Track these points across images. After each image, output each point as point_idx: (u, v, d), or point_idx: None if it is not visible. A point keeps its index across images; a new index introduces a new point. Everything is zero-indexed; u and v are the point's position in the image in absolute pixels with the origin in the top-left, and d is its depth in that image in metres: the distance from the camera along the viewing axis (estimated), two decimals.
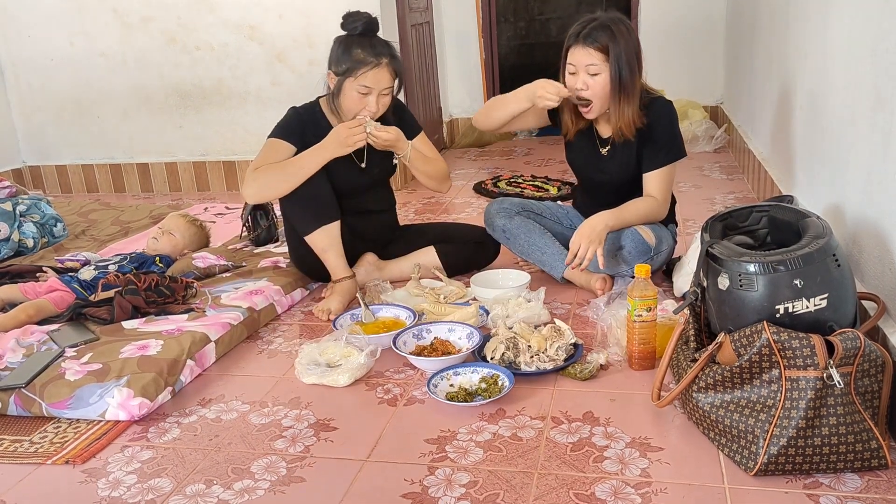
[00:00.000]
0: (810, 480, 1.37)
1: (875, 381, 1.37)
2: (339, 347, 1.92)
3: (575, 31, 2.12)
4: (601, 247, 2.14)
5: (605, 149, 2.29)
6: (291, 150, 2.26)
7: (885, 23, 1.63)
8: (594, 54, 2.09)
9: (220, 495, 1.44)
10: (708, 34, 4.74)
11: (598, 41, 2.08)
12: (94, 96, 4.18)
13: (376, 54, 2.17)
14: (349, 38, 2.21)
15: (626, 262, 2.22)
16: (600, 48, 2.08)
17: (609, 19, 2.10)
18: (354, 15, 2.22)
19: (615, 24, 2.09)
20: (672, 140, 2.22)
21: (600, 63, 2.09)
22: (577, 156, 2.38)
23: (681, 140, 2.24)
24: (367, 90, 2.19)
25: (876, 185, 1.68)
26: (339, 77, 2.22)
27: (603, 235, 2.16)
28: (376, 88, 2.19)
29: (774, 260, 1.41)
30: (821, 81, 2.22)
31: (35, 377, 1.82)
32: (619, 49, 2.08)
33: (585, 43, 2.09)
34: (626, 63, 2.09)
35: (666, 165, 2.22)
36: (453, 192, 3.80)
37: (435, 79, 4.83)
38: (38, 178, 4.40)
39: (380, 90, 2.20)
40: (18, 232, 3.00)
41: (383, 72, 2.18)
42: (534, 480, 1.42)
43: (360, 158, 2.37)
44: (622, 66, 2.09)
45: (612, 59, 2.08)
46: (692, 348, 1.60)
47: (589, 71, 2.11)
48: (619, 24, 2.10)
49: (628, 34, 2.11)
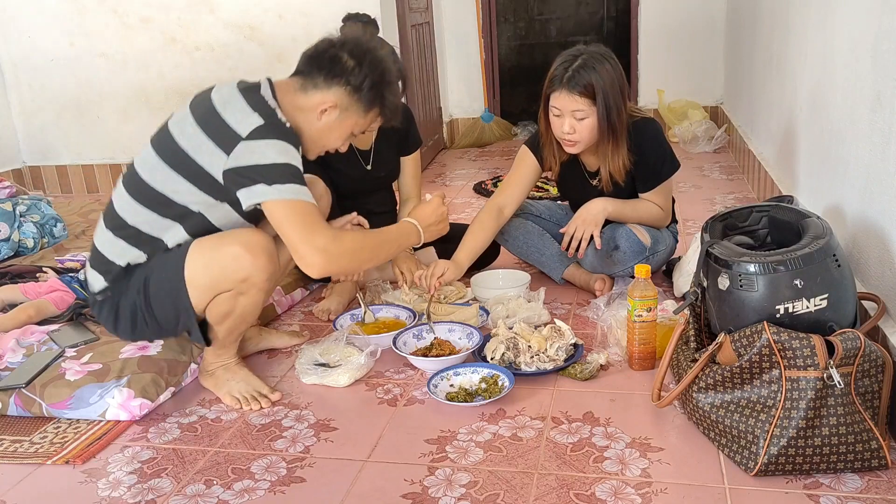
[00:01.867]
0: (810, 481, 1.37)
1: (875, 381, 1.37)
2: (340, 348, 1.92)
3: (558, 74, 2.01)
4: (598, 229, 2.11)
5: (595, 180, 2.24)
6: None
7: (885, 23, 1.63)
8: (580, 100, 1.99)
9: (220, 495, 1.44)
10: (708, 34, 4.74)
11: (582, 85, 1.97)
12: (94, 97, 4.18)
13: None
14: None
15: (621, 262, 2.20)
16: (585, 93, 1.98)
17: (591, 58, 1.98)
18: (354, 18, 2.22)
19: (599, 63, 1.98)
20: (663, 159, 2.16)
21: (586, 108, 2.00)
22: (568, 188, 2.36)
23: (672, 156, 2.18)
24: None
25: (876, 185, 1.68)
26: None
27: (600, 218, 2.13)
28: None
29: (774, 260, 1.41)
30: (821, 81, 2.22)
31: (35, 377, 1.82)
32: (605, 90, 1.98)
33: (570, 88, 1.98)
34: (614, 104, 2.00)
35: (661, 184, 2.20)
36: (453, 192, 3.80)
37: (435, 79, 4.82)
38: (38, 178, 4.39)
39: None
40: (18, 232, 3.00)
41: None
42: (534, 481, 1.42)
43: (367, 160, 2.37)
44: (610, 107, 1.99)
45: (600, 102, 1.98)
46: (692, 348, 1.60)
47: (576, 116, 2.01)
48: (604, 63, 1.99)
49: (612, 71, 2.00)
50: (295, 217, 1.54)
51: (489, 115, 5.12)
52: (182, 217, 1.63)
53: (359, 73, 1.62)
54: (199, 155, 1.56)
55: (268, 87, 1.63)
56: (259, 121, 1.54)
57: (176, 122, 1.62)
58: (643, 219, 2.23)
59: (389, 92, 1.68)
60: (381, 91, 1.66)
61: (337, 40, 1.65)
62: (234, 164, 1.53)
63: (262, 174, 1.52)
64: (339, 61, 1.62)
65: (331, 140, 1.70)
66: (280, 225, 1.56)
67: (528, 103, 5.80)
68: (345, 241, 1.63)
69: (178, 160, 1.58)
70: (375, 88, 1.64)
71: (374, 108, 1.68)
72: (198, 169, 1.57)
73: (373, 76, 1.63)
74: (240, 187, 1.54)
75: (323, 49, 1.65)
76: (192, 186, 1.59)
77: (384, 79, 1.66)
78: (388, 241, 1.77)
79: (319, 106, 1.63)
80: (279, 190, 1.52)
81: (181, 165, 1.58)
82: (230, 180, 1.54)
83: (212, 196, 1.59)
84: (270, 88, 1.64)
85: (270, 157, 1.52)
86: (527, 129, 5.29)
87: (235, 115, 1.55)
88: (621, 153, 2.09)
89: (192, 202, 1.61)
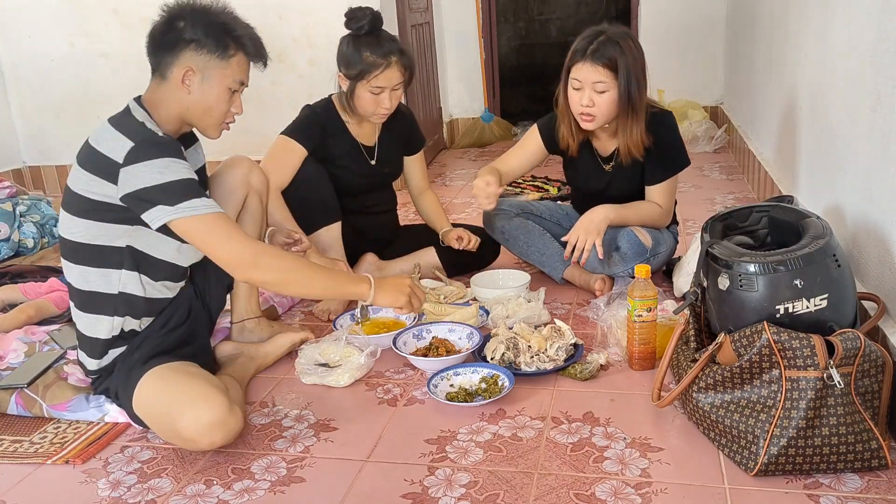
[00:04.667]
0: (810, 481, 1.36)
1: (875, 381, 1.37)
2: (340, 348, 1.92)
3: (581, 46, 2.02)
4: (600, 238, 2.12)
5: (609, 165, 2.25)
6: (303, 154, 2.25)
7: (885, 23, 1.63)
8: (602, 72, 1.99)
9: (220, 495, 1.44)
10: (708, 34, 4.74)
11: (606, 57, 1.98)
12: (94, 97, 4.17)
13: (385, 54, 2.15)
14: (356, 39, 2.19)
15: (622, 263, 2.20)
16: (608, 65, 1.99)
17: (616, 34, 2.01)
18: (358, 13, 2.19)
19: (623, 40, 2.00)
20: (677, 153, 2.20)
21: (608, 81, 2.00)
22: (578, 173, 2.34)
23: (684, 150, 2.22)
24: (379, 90, 2.19)
25: (876, 185, 1.68)
26: (350, 80, 2.21)
27: (602, 227, 2.13)
28: (388, 86, 2.19)
29: (774, 260, 1.41)
30: (821, 81, 2.22)
31: (37, 378, 1.82)
32: (628, 66, 1.99)
33: (594, 60, 1.99)
34: (636, 80, 2.01)
35: (670, 178, 2.21)
36: (453, 192, 3.80)
37: (435, 79, 4.82)
38: (38, 178, 4.39)
39: (391, 87, 2.20)
40: (18, 232, 3.00)
41: (394, 70, 2.17)
42: (534, 481, 1.42)
43: (371, 155, 2.38)
44: (631, 83, 2.00)
45: (622, 76, 1.99)
46: (692, 348, 1.60)
47: (596, 88, 2.02)
48: (628, 40, 2.01)
49: (636, 50, 2.03)
50: (209, 231, 1.53)
51: (489, 114, 5.12)
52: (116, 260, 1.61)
53: (191, 27, 1.59)
54: (92, 192, 1.55)
55: (136, 106, 1.63)
56: (129, 144, 1.52)
57: (70, 176, 1.62)
58: (645, 221, 2.23)
59: (233, 27, 1.64)
60: (224, 29, 1.62)
61: (159, 18, 1.63)
62: (126, 191, 1.52)
63: (156, 196, 1.50)
64: (171, 30, 1.60)
65: (214, 104, 1.64)
66: (195, 241, 1.56)
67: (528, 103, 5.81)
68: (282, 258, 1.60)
69: (80, 205, 1.57)
70: (214, 30, 1.61)
71: (230, 50, 1.63)
72: (97, 205, 1.56)
73: (204, 22, 1.60)
74: (142, 211, 1.53)
75: (153, 32, 1.63)
76: (102, 223, 1.58)
77: (216, 18, 1.62)
78: (328, 279, 1.66)
79: (179, 79, 1.61)
80: (181, 209, 1.51)
81: (84, 209, 1.57)
82: (130, 205, 1.53)
83: (124, 224, 1.58)
84: (139, 105, 1.64)
85: (154, 178, 1.50)
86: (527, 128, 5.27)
87: (108, 144, 1.54)
88: (640, 128, 2.09)
89: (112, 239, 1.60)
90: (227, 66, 1.62)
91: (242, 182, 1.93)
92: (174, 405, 1.52)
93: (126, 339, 1.67)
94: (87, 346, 1.68)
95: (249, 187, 1.95)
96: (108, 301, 1.64)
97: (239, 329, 2.00)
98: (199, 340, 1.80)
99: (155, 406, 1.56)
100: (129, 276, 1.63)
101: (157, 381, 1.57)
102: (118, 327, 1.65)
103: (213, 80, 1.62)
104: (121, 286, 1.62)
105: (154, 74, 1.65)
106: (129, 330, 1.67)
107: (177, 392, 1.54)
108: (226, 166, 1.94)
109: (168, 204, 1.50)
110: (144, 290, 1.66)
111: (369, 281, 1.68)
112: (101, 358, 1.67)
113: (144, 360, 1.62)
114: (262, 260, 1.55)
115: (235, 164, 1.95)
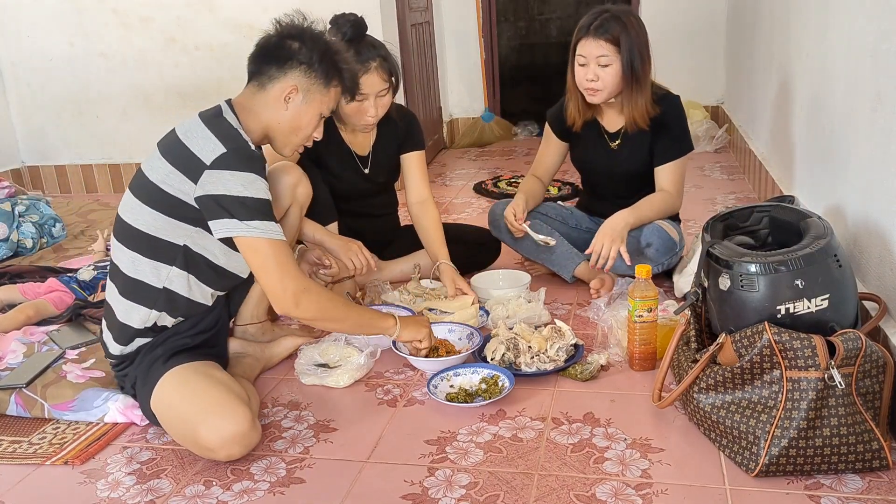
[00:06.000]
0: (811, 481, 1.36)
1: (876, 381, 1.37)
2: (339, 348, 1.92)
3: (586, 22, 2.13)
4: (623, 244, 2.14)
5: (615, 143, 2.30)
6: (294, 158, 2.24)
7: (885, 23, 1.62)
8: (605, 46, 2.10)
9: (219, 496, 1.44)
10: (709, 34, 4.73)
11: (609, 32, 2.09)
12: (93, 96, 4.17)
13: (363, 60, 2.11)
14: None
15: (652, 260, 2.19)
16: (611, 39, 2.09)
17: (620, 11, 2.12)
18: (340, 20, 2.16)
19: (626, 16, 2.11)
20: (684, 134, 2.26)
21: (611, 55, 2.10)
22: (585, 151, 2.38)
23: (689, 134, 2.28)
24: (362, 97, 2.16)
25: (877, 185, 1.67)
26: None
27: (624, 234, 2.16)
28: (371, 93, 2.16)
29: (775, 260, 1.41)
30: (821, 81, 2.22)
31: (36, 378, 1.82)
32: (630, 40, 2.10)
33: (597, 35, 2.10)
34: (638, 53, 2.11)
35: (679, 158, 2.25)
36: (453, 192, 3.80)
37: (435, 79, 4.82)
38: (37, 178, 4.39)
39: (375, 94, 2.17)
40: (17, 232, 3.00)
41: (373, 76, 2.13)
42: (534, 481, 1.41)
43: (365, 164, 2.36)
44: (634, 56, 2.11)
45: (624, 49, 2.10)
46: (693, 349, 1.60)
47: (600, 62, 2.11)
48: (630, 17, 2.13)
49: (639, 26, 2.14)
50: (267, 257, 1.57)
51: (489, 114, 5.12)
52: (171, 255, 1.62)
53: (306, 51, 1.64)
54: (168, 184, 1.56)
55: (228, 109, 1.64)
56: (221, 149, 1.54)
57: (146, 161, 1.63)
58: (662, 213, 2.26)
59: (340, 59, 1.70)
60: (333, 59, 1.68)
61: (275, 32, 1.67)
62: (203, 192, 1.53)
63: (232, 207, 1.53)
64: (284, 47, 1.64)
65: (303, 126, 1.69)
66: (252, 262, 1.59)
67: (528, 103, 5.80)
68: (321, 297, 1.64)
69: (151, 194, 1.58)
70: (327, 58, 1.66)
71: (334, 80, 1.68)
72: (169, 198, 1.57)
73: (319, 48, 1.65)
74: (212, 217, 1.55)
75: (265, 43, 1.67)
76: (168, 217, 1.58)
77: (330, 48, 1.68)
78: (360, 317, 1.75)
79: (281, 94, 1.64)
80: (251, 227, 1.54)
81: (154, 199, 1.58)
82: (203, 206, 1.55)
83: (188, 223, 1.59)
84: (230, 108, 1.65)
85: (237, 189, 1.53)
86: (527, 128, 5.29)
87: (199, 142, 1.56)
88: (645, 97, 2.17)
89: (172, 236, 1.60)
90: (327, 94, 1.69)
91: (290, 192, 1.97)
92: (195, 412, 1.52)
93: (155, 331, 1.67)
94: (116, 331, 1.67)
95: (294, 198, 1.99)
96: (151, 293, 1.64)
97: (241, 331, 2.00)
98: (221, 344, 1.82)
99: (175, 408, 1.56)
100: (178, 273, 1.64)
101: (179, 382, 1.58)
102: (153, 320, 1.65)
103: (312, 103, 1.67)
104: (167, 282, 1.63)
105: (251, 82, 1.68)
106: (161, 325, 1.67)
107: (199, 398, 1.54)
108: (277, 171, 1.96)
109: (240, 219, 1.53)
110: (190, 290, 1.66)
111: (395, 318, 1.78)
112: (127, 345, 1.67)
113: (167, 357, 1.63)
114: (304, 299, 1.60)
115: (286, 171, 1.97)
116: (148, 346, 1.66)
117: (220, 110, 1.64)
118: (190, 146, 1.56)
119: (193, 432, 1.51)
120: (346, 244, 2.15)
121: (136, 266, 1.62)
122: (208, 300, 1.72)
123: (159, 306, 1.64)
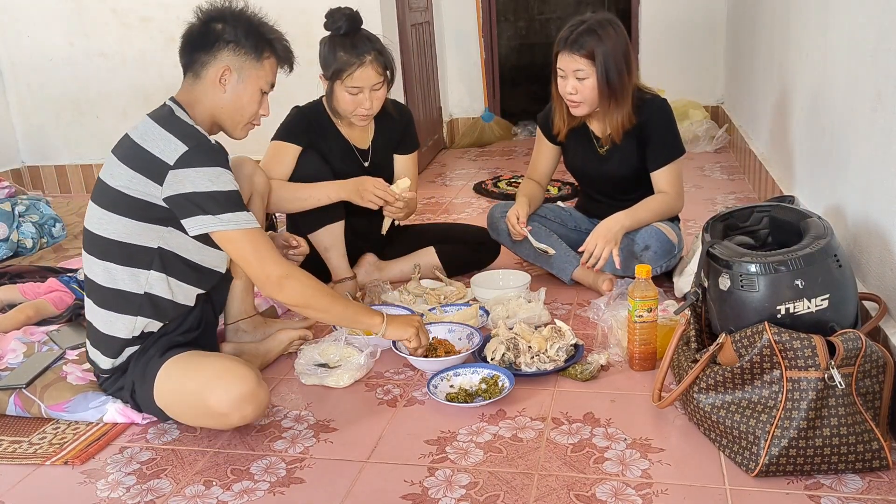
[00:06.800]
0: (811, 481, 1.36)
1: (876, 381, 1.37)
2: (339, 348, 1.92)
3: (563, 36, 2.13)
4: (616, 247, 2.15)
5: (604, 148, 2.29)
6: (297, 151, 2.26)
7: (885, 23, 1.62)
8: (580, 60, 2.09)
9: (219, 496, 1.44)
10: (709, 34, 4.73)
11: (583, 47, 2.08)
12: (93, 96, 4.17)
13: (359, 54, 2.15)
14: (333, 39, 2.20)
15: (651, 262, 2.18)
16: (586, 54, 2.08)
17: (596, 22, 2.10)
18: (336, 13, 2.20)
19: (602, 28, 2.08)
20: (673, 138, 2.24)
21: (587, 68, 2.10)
22: (575, 157, 2.38)
23: (679, 137, 2.26)
24: (356, 90, 2.18)
25: (877, 184, 1.67)
26: (328, 80, 2.22)
27: (619, 236, 2.16)
28: (366, 86, 2.18)
29: (776, 260, 1.41)
30: (822, 81, 2.22)
31: (35, 378, 1.82)
32: (606, 52, 2.07)
33: (572, 49, 2.10)
34: (614, 66, 2.09)
35: (670, 162, 2.23)
36: (453, 192, 3.80)
37: (435, 79, 4.82)
38: (37, 178, 4.39)
39: (370, 87, 2.19)
40: (17, 232, 3.00)
41: (368, 70, 2.16)
42: (534, 481, 1.41)
43: (365, 158, 2.37)
44: (609, 69, 2.09)
45: (599, 63, 2.08)
46: (693, 349, 1.60)
47: (577, 76, 2.12)
48: (607, 27, 2.09)
49: (616, 36, 2.10)
50: (245, 247, 1.58)
51: (489, 114, 5.12)
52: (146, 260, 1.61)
53: (230, 29, 1.63)
54: (133, 189, 1.55)
55: (176, 106, 1.64)
56: (183, 147, 1.53)
57: (105, 170, 1.62)
58: (660, 215, 2.26)
59: (268, 30, 1.69)
60: (259, 31, 1.66)
61: (196, 19, 1.66)
62: (172, 192, 1.53)
63: (203, 203, 1.53)
64: (209, 31, 1.64)
65: (246, 104, 1.68)
66: (231, 253, 1.61)
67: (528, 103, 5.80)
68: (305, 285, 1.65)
69: (116, 202, 1.57)
70: (252, 32, 1.65)
71: (265, 51, 1.67)
72: (136, 202, 1.56)
73: (243, 24, 1.64)
74: (184, 215, 1.55)
75: (190, 32, 1.66)
76: (138, 221, 1.58)
77: (253, 21, 1.67)
78: (344, 310, 1.73)
79: (216, 78, 1.63)
80: (223, 221, 1.55)
81: (121, 206, 1.57)
82: (173, 205, 1.54)
83: (159, 224, 1.58)
84: (177, 105, 1.64)
85: (204, 185, 1.53)
86: (527, 128, 5.29)
87: (158, 144, 1.55)
88: (622, 112, 2.16)
89: (145, 239, 1.60)
90: (261, 68, 1.67)
91: (247, 183, 1.96)
92: (201, 384, 1.54)
93: (143, 339, 1.67)
94: (103, 345, 1.67)
95: (253, 188, 1.98)
96: (133, 300, 1.63)
97: (234, 330, 2.00)
98: (210, 346, 1.82)
99: (180, 389, 1.58)
100: (157, 277, 1.63)
101: (179, 366, 1.60)
102: (140, 328, 1.65)
103: (248, 80, 1.66)
104: (148, 287, 1.63)
105: (187, 74, 1.67)
106: (148, 332, 1.67)
107: (202, 372, 1.57)
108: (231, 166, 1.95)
109: (213, 213, 1.54)
110: (172, 292, 1.66)
111: (382, 315, 1.77)
112: (116, 357, 1.67)
113: (162, 353, 1.64)
114: (287, 284, 1.61)
115: (240, 164, 1.96)
116: (138, 352, 1.66)
117: (171, 109, 1.63)
118: (149, 149, 1.55)
119: (204, 403, 1.53)
120: (355, 187, 2.21)
121: (112, 276, 1.62)
122: (191, 300, 1.71)
123: (144, 312, 1.64)
